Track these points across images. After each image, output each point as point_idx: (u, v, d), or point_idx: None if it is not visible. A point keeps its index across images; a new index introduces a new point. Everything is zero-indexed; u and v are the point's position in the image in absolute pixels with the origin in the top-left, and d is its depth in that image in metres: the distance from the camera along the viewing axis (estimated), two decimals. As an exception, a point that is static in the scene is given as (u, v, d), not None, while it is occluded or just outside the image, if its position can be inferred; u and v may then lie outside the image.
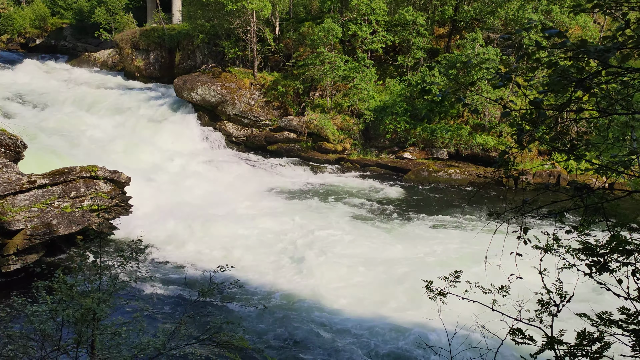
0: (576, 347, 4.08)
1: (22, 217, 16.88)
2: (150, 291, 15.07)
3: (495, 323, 5.11)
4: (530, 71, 3.43)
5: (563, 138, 3.63)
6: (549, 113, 3.38)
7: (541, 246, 4.97)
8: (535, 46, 3.09)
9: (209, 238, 19.32)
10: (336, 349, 12.48)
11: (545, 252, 4.88)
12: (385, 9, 33.22)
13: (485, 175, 29.06)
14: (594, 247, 3.81)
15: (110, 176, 19.88)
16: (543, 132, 3.57)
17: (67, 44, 58.59)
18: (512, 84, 3.36)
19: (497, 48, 30.25)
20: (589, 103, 3.25)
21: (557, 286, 4.81)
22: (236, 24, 34.27)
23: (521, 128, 3.59)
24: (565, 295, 4.82)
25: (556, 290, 4.79)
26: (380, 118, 31.46)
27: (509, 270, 5.82)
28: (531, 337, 4.49)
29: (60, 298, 5.74)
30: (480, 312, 4.99)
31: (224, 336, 6.66)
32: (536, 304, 4.75)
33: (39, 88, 37.95)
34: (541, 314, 4.73)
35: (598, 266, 3.81)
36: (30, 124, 26.73)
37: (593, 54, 2.85)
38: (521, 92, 3.32)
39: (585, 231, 4.21)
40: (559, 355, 4.25)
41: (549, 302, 4.76)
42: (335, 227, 20.88)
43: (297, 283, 15.74)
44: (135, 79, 44.88)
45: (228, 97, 33.84)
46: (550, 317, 4.67)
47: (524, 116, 3.51)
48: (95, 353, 5.77)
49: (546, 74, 3.46)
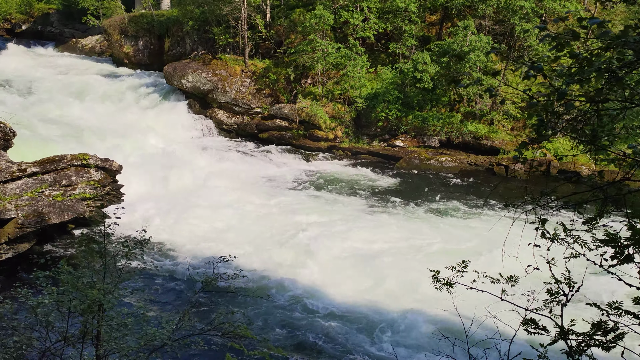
0: (590, 337, 4.10)
1: (13, 205, 16.67)
2: (153, 281, 15.02)
3: (504, 314, 5.14)
4: (554, 61, 3.40)
5: (584, 129, 3.62)
6: (574, 104, 3.36)
7: (549, 236, 4.97)
8: (572, 36, 3.06)
9: (204, 226, 19.25)
10: (339, 338, 12.55)
11: (552, 242, 4.88)
12: (378, -5, 33.03)
13: (477, 163, 29.19)
14: (618, 238, 3.81)
15: (102, 164, 19.67)
16: (566, 122, 3.55)
17: (54, 29, 57.58)
18: (535, 74, 3.33)
19: (488, 36, 30.23)
20: (613, 94, 3.24)
21: (566, 276, 4.83)
22: (227, 10, 33.89)
23: (542, 119, 3.57)
24: (573, 285, 4.84)
25: (565, 280, 4.81)
26: (372, 106, 31.40)
27: (512, 259, 5.85)
28: (544, 327, 4.50)
29: (65, 289, 5.67)
30: (491, 302, 5.01)
31: (228, 326, 6.64)
32: (546, 293, 4.76)
33: (26, 75, 37.35)
34: (550, 304, 4.75)
35: (621, 257, 3.82)
36: (18, 111, 26.31)
37: (633, 44, 2.82)
38: (547, 82, 3.28)
39: (600, 222, 4.21)
40: (571, 346, 4.27)
41: (558, 292, 4.78)
42: (329, 215, 20.89)
43: (295, 272, 15.76)
44: (124, 66, 44.28)
45: (219, 85, 33.56)
46: (560, 307, 4.69)
47: (545, 107, 3.48)
48: (101, 344, 5.73)
49: (567, 63, 3.44)
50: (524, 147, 3.93)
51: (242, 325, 6.69)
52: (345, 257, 16.90)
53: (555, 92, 3.24)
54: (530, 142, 19.92)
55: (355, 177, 27.48)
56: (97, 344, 5.73)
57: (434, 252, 17.05)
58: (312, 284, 14.99)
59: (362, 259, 16.84)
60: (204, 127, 33.55)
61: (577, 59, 3.16)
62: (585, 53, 3.08)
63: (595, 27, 2.96)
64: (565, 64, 3.50)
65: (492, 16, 32.83)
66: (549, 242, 4.90)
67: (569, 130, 3.65)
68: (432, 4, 34.93)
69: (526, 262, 4.83)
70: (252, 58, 35.71)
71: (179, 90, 35.45)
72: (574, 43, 3.08)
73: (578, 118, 3.53)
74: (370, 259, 16.84)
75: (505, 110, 29.70)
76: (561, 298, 4.85)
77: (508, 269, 5.39)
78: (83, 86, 35.67)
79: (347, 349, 12.25)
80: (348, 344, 12.39)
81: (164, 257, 17.14)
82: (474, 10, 33.43)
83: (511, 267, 5.48)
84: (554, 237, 4.88)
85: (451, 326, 11.87)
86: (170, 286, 14.88)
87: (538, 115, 3.53)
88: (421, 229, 19.51)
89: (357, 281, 15.45)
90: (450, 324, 12.23)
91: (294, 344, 12.29)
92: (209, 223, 19.58)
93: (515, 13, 30.56)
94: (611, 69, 2.96)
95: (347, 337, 12.56)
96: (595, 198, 3.87)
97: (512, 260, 5.54)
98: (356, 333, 12.77)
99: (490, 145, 29.55)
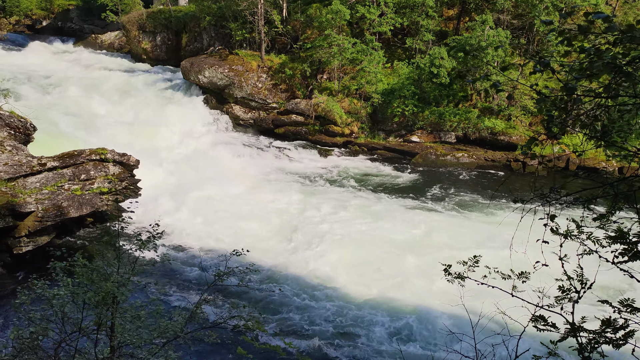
0: (600, 334, 4.06)
1: (33, 199, 16.96)
2: (166, 274, 15.19)
3: (514, 310, 5.10)
4: (564, 56, 3.36)
5: (594, 124, 3.58)
6: (583, 99, 3.32)
7: (561, 232, 4.92)
8: (579, 31, 3.03)
9: (218, 220, 19.40)
10: (350, 333, 12.59)
11: (565, 238, 4.83)
12: (394, -10, 32.83)
13: (494, 159, 28.94)
14: (627, 234, 3.77)
15: (120, 159, 19.91)
16: (575, 118, 3.50)
17: (73, 25, 58.31)
18: (546, 69, 3.30)
19: (507, 30, 29.88)
20: (623, 89, 3.19)
21: (578, 273, 4.78)
22: (243, 5, 33.97)
23: (551, 115, 3.53)
24: (586, 282, 4.79)
25: (577, 277, 4.76)
26: (388, 101, 31.27)
27: (522, 256, 5.80)
28: (554, 324, 4.47)
29: (80, 281, 5.78)
30: (500, 298, 4.99)
31: (239, 320, 6.70)
32: (557, 290, 4.72)
33: (47, 70, 37.88)
34: (561, 301, 4.71)
35: (630, 254, 3.78)
36: (39, 106, 26.72)
37: (639, 39, 2.78)
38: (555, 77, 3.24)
39: (611, 218, 4.16)
40: (581, 343, 4.24)
41: (570, 289, 4.74)
42: (342, 210, 20.91)
43: (308, 267, 15.82)
44: (142, 61, 44.68)
45: (235, 80, 33.68)
46: (571, 304, 4.65)
47: (554, 102, 3.45)
48: (115, 335, 5.82)
49: (577, 58, 3.39)
50: (532, 143, 3.88)
51: (253, 319, 6.74)
52: (357, 252, 16.91)
53: (565, 87, 3.21)
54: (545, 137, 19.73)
55: (370, 172, 27.43)
56: (112, 335, 5.83)
57: (445, 247, 16.96)
58: (324, 279, 15.04)
59: (374, 253, 16.83)
60: (221, 122, 33.72)
61: (587, 53, 3.13)
62: (593, 47, 3.05)
63: (600, 21, 2.93)
64: (577, 58, 3.45)
65: (511, 10, 32.42)
66: (561, 239, 4.85)
67: (579, 126, 3.61)
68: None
69: (535, 258, 4.79)
70: (268, 53, 35.77)
71: (195, 86, 35.67)
72: (583, 37, 3.04)
73: (588, 114, 3.49)
74: (383, 254, 16.83)
75: (524, 105, 29.37)
76: (572, 295, 4.81)
77: (516, 265, 5.36)
78: (101, 81, 36.07)
79: (358, 344, 12.27)
80: (359, 339, 12.42)
81: (177, 251, 17.31)
82: (492, 4, 33.05)
83: (520, 263, 5.44)
84: (567, 234, 4.83)
85: (459, 322, 11.83)
86: (183, 279, 15.03)
87: (547, 111, 3.50)
88: (435, 224, 19.43)
89: (368, 276, 15.46)
90: (458, 319, 12.21)
91: (304, 337, 12.35)
92: (223, 217, 19.72)
93: (534, 7, 30.16)
94: (618, 64, 2.93)
95: (358, 332, 12.58)
96: (606, 194, 3.83)
97: (521, 257, 5.49)
98: (367, 328, 12.78)
99: (507, 141, 29.27)
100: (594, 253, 4.76)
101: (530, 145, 3.81)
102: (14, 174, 17.25)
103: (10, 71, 35.08)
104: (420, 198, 23.21)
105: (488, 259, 5.73)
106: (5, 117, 19.03)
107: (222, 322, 6.66)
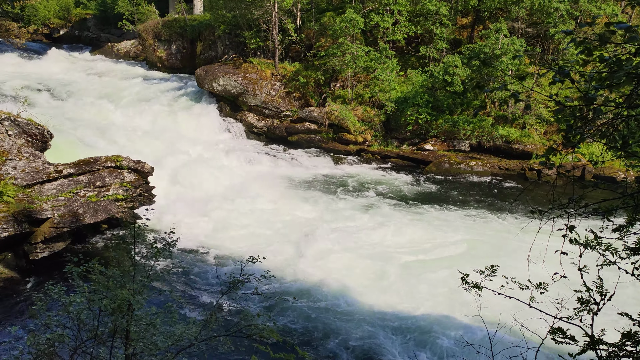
0: (620, 347, 4.00)
1: (49, 205, 17.14)
2: (181, 281, 15.24)
3: (531, 321, 5.05)
4: (582, 65, 3.34)
5: (614, 134, 3.54)
6: (603, 109, 3.29)
7: (581, 242, 4.86)
8: (599, 41, 3.00)
9: (233, 227, 19.45)
10: (364, 343, 12.50)
11: (585, 248, 4.78)
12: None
13: (508, 168, 28.74)
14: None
15: (134, 166, 20.07)
16: (594, 128, 3.47)
17: (90, 34, 59.18)
18: (566, 79, 3.27)
19: (521, 39, 29.75)
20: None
21: (598, 284, 4.72)
22: (258, 14, 34.22)
23: (570, 125, 3.50)
24: (605, 294, 4.72)
25: (596, 288, 4.70)
26: (402, 109, 31.23)
27: (539, 266, 5.74)
28: (573, 336, 4.41)
29: (97, 288, 5.82)
30: (517, 309, 4.93)
31: (254, 328, 6.70)
32: (576, 302, 4.66)
33: (64, 78, 38.40)
34: (580, 312, 4.64)
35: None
36: (56, 114, 27.08)
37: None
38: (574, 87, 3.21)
39: (631, 230, 4.10)
40: (601, 356, 4.17)
41: (589, 300, 4.67)
42: (358, 219, 20.86)
43: (323, 275, 15.76)
44: (157, 69, 45.15)
45: (249, 88, 33.88)
46: (591, 316, 4.59)
47: (573, 112, 3.42)
48: (130, 343, 5.85)
49: (596, 67, 3.37)
50: (551, 153, 3.84)
51: (268, 327, 6.74)
52: (373, 261, 16.84)
53: (584, 97, 3.18)
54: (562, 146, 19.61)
55: (383, 180, 27.37)
56: (127, 343, 5.85)
57: (461, 257, 16.83)
58: (339, 288, 14.98)
59: (390, 262, 16.74)
60: (234, 130, 33.90)
61: (607, 63, 3.10)
62: (614, 57, 3.02)
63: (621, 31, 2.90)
64: (596, 68, 3.42)
65: (526, 18, 32.29)
66: (581, 249, 4.80)
67: (599, 136, 3.58)
68: (463, 6, 34.61)
69: (553, 269, 4.73)
70: (282, 61, 35.95)
71: (209, 94, 35.93)
72: (603, 47, 3.02)
73: (608, 123, 3.46)
74: (398, 263, 16.74)
75: (538, 114, 29.18)
76: (592, 307, 4.74)
77: (533, 276, 5.30)
78: (117, 89, 36.49)
79: (372, 354, 12.19)
80: (373, 349, 12.33)
81: (192, 258, 17.37)
82: (506, 12, 32.97)
83: (537, 274, 5.38)
84: (587, 244, 4.77)
85: (476, 333, 11.71)
86: (198, 286, 15.06)
87: (566, 121, 3.47)
88: (450, 233, 19.30)
89: (383, 285, 15.39)
90: (474, 330, 12.08)
91: (318, 346, 12.30)
92: (239, 225, 19.77)
93: (549, 15, 30.01)
94: (639, 74, 2.90)
95: (372, 342, 12.50)
96: (625, 205, 3.78)
97: (538, 267, 5.43)
98: (382, 338, 12.70)
99: (522, 150, 29.06)
100: (613, 264, 4.70)
101: (549, 155, 3.78)
102: (31, 181, 17.47)
103: (29, 79, 35.65)
104: (434, 206, 23.09)
105: (505, 270, 5.67)
106: (23, 124, 19.31)
107: (237, 330, 6.66)
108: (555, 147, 3.82)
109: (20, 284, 15.31)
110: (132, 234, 6.45)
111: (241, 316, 6.87)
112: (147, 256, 6.51)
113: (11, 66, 40.62)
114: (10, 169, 17.32)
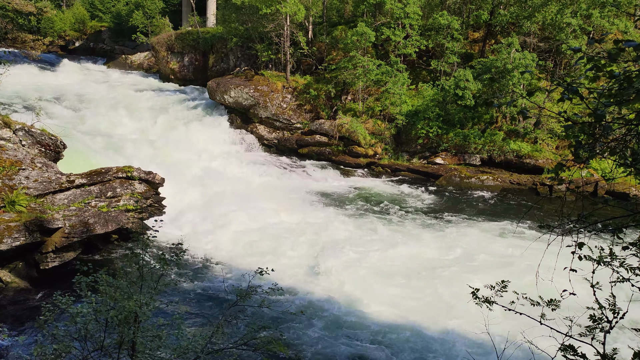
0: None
1: (61, 215, 17.26)
2: (188, 292, 15.22)
3: (541, 339, 4.97)
4: (592, 81, 3.32)
5: (624, 151, 3.51)
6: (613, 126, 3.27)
7: (594, 257, 4.79)
8: (608, 58, 2.99)
9: (242, 239, 19.45)
10: (373, 357, 12.38)
11: (598, 264, 4.71)
12: (420, 13, 33.00)
13: (519, 182, 28.55)
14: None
15: (145, 177, 20.19)
16: (604, 144, 3.44)
17: (105, 46, 59.99)
18: (575, 96, 3.26)
19: (533, 53, 29.69)
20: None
21: (610, 301, 4.64)
22: (270, 27, 34.51)
23: (579, 141, 3.47)
24: (618, 312, 4.64)
25: (609, 305, 4.63)
26: (413, 123, 31.22)
27: (548, 283, 5.66)
28: (584, 354, 4.34)
29: (104, 299, 5.83)
30: (525, 326, 4.86)
31: (261, 341, 6.66)
32: (588, 319, 4.59)
33: (78, 89, 38.86)
34: (592, 330, 4.57)
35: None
36: (70, 125, 27.37)
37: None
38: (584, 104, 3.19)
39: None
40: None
41: (601, 318, 4.60)
42: (366, 232, 20.78)
43: (331, 288, 15.69)
44: (169, 81, 45.60)
45: (260, 100, 34.07)
46: (603, 334, 4.51)
47: (582, 128, 3.40)
48: (136, 355, 5.83)
49: (606, 84, 3.34)
50: (560, 169, 3.81)
51: (275, 340, 6.70)
52: (381, 274, 16.73)
53: (593, 113, 3.16)
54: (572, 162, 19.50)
55: (394, 193, 27.29)
56: (133, 355, 5.84)
57: (472, 271, 16.68)
58: (348, 301, 14.88)
59: (398, 276, 16.63)
60: (245, 142, 34.06)
61: (616, 79, 3.08)
62: (623, 73, 3.00)
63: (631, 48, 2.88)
64: (606, 84, 3.40)
65: (538, 33, 32.26)
66: (594, 265, 4.73)
67: (609, 153, 3.54)
68: (475, 21, 34.68)
69: (562, 285, 4.67)
70: (293, 74, 36.16)
71: (221, 105, 36.18)
72: (613, 64, 3.00)
73: (618, 140, 3.42)
74: (406, 277, 16.63)
75: (550, 128, 29.02)
76: (604, 325, 4.66)
77: (543, 292, 5.23)
78: (130, 101, 36.85)
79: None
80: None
81: (200, 269, 17.37)
82: (518, 27, 32.96)
83: (546, 290, 5.30)
84: (600, 260, 4.70)
85: (484, 349, 11.56)
86: (205, 298, 15.03)
87: (575, 137, 3.44)
88: (461, 247, 19.16)
89: (393, 299, 15.27)
90: (483, 346, 11.92)
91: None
92: (247, 237, 19.76)
93: (561, 30, 29.96)
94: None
95: (380, 356, 12.38)
96: (636, 222, 3.72)
97: (547, 284, 5.36)
98: (391, 353, 12.58)
99: (533, 164, 28.88)
100: (627, 281, 4.62)
101: (558, 170, 3.75)
102: (43, 191, 17.62)
103: (43, 90, 36.11)
104: (444, 220, 22.96)
105: (514, 285, 5.61)
106: (37, 134, 19.53)
107: (243, 343, 6.63)
108: (564, 162, 3.79)
109: (30, 293, 15.39)
110: (140, 245, 6.47)
111: (248, 329, 6.84)
112: (155, 267, 6.52)
113: (26, 77, 41.19)
114: (24, 178, 17.50)
